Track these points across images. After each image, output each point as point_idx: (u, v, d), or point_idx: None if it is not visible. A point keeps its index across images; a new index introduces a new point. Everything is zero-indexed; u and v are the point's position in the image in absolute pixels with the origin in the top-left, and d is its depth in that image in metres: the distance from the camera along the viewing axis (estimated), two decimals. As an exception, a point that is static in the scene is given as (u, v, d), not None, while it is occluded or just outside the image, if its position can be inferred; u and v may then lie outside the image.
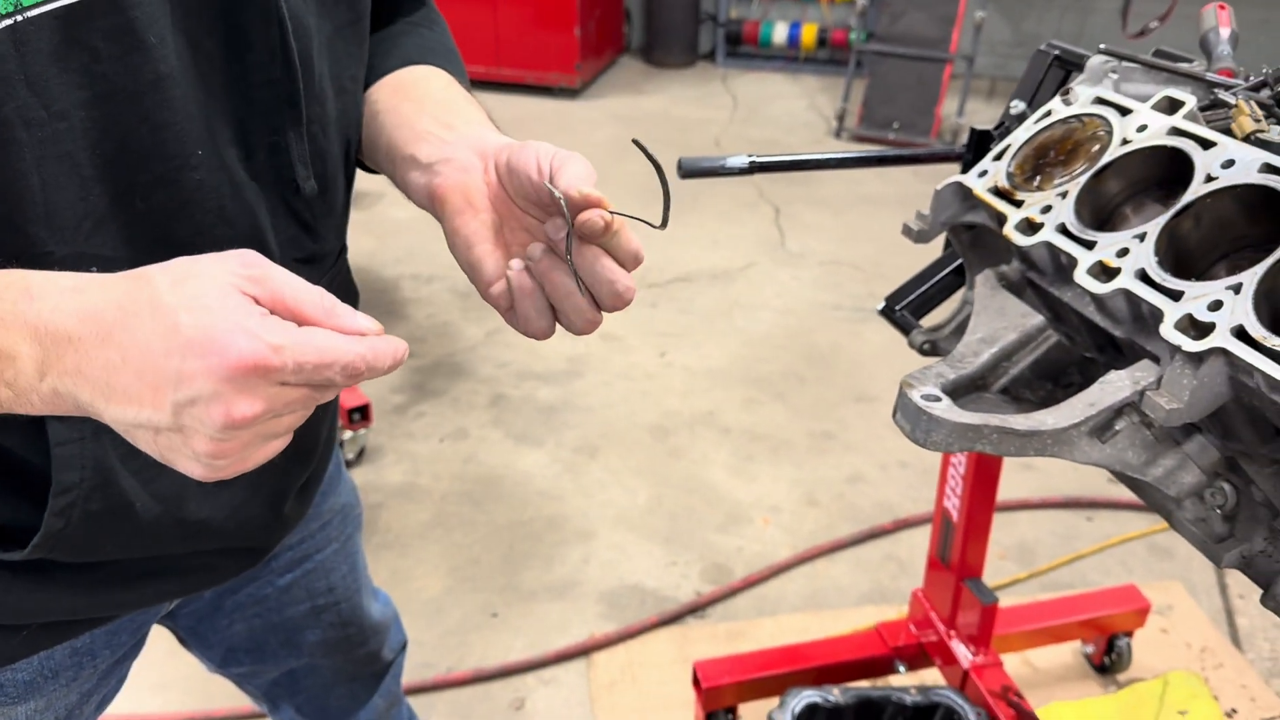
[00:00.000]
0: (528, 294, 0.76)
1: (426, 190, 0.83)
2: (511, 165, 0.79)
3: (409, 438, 2.92)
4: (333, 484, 1.17)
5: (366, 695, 1.37)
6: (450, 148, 0.83)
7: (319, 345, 0.59)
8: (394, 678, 1.42)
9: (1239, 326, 0.89)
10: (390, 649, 1.38)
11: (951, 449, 0.97)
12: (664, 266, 4.01)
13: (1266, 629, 2.30)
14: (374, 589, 1.35)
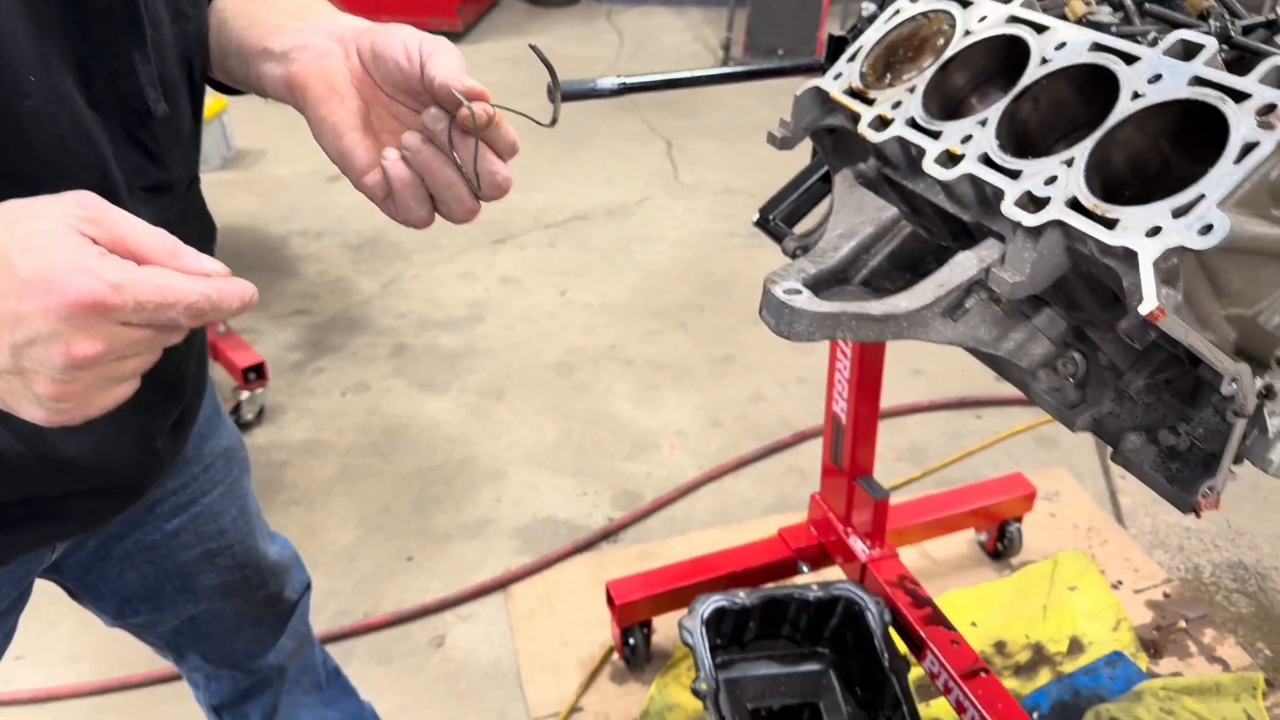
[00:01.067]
0: (406, 184, 0.77)
1: (284, 80, 0.81)
2: (377, 51, 0.78)
3: (309, 394, 2.89)
4: (212, 426, 1.17)
5: (273, 637, 1.38)
6: (304, 35, 0.81)
7: (160, 284, 0.58)
8: (300, 618, 1.43)
9: (1073, 198, 0.94)
10: (293, 589, 1.39)
11: (814, 338, 1.01)
12: (560, 206, 4.00)
13: (1147, 505, 2.44)
14: (270, 533, 1.35)
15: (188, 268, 0.61)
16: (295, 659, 1.45)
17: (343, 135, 0.79)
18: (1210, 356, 0.88)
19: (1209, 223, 0.84)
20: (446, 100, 0.76)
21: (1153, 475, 1.02)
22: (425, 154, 0.77)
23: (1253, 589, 2.20)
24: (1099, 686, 1.97)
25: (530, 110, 0.84)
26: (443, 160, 0.77)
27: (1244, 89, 0.89)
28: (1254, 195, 0.85)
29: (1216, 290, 0.91)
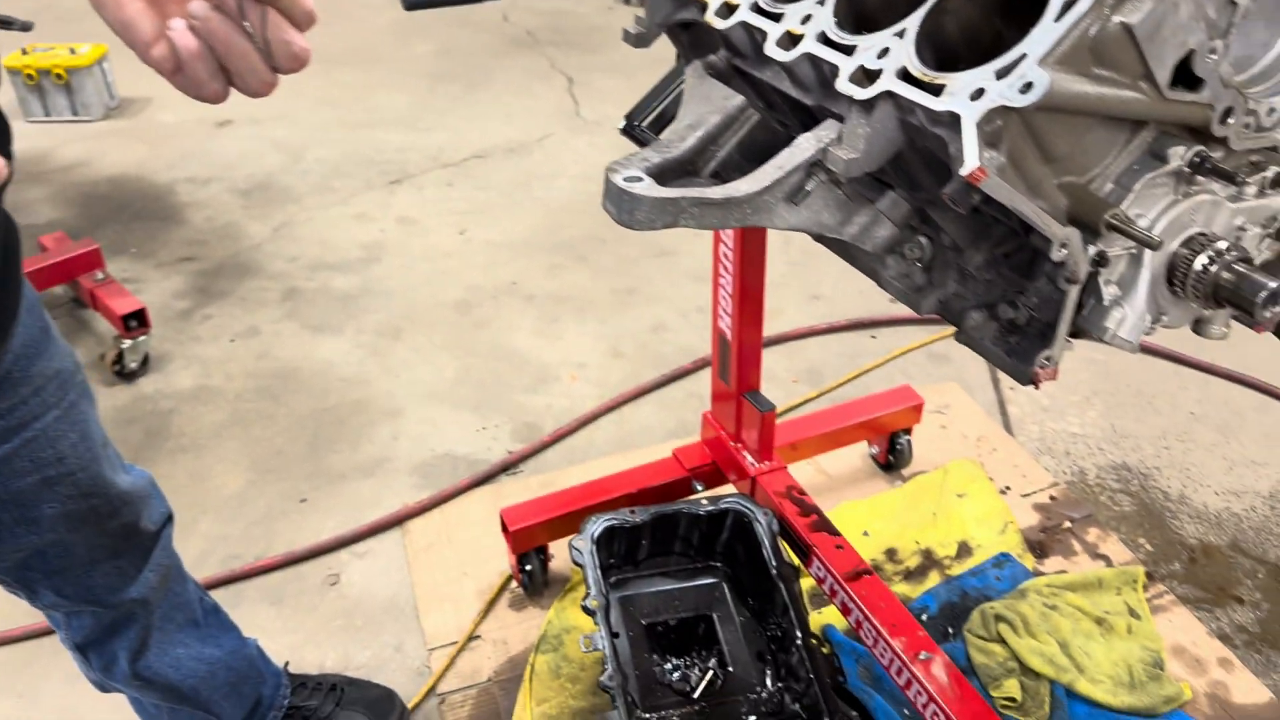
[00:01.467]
0: (195, 56, 0.74)
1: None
2: None
3: (197, 341, 2.80)
4: (40, 347, 1.11)
5: (134, 570, 1.34)
6: None
7: None
8: (164, 550, 1.39)
9: (903, 69, 0.93)
10: (150, 520, 1.34)
11: (654, 225, 0.99)
12: (459, 145, 3.92)
13: (1034, 413, 2.50)
14: (122, 463, 1.30)
15: None
16: (161, 593, 1.40)
17: (124, 5, 0.75)
18: (1037, 220, 0.88)
19: (1029, 80, 0.83)
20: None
21: (993, 350, 1.03)
22: (214, 23, 0.73)
23: (1135, 488, 2.27)
24: (986, 587, 2.01)
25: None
26: (232, 29, 0.73)
27: (1064, -51, 0.88)
28: (1074, 53, 0.85)
29: (1044, 154, 0.91)
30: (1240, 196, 0.99)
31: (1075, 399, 2.53)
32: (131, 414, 2.55)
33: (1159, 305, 1.00)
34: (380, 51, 4.82)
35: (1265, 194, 1.01)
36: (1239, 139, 0.95)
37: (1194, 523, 2.17)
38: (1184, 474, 2.30)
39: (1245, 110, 0.93)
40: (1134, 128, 0.95)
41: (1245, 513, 2.19)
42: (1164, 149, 0.93)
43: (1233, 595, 2.00)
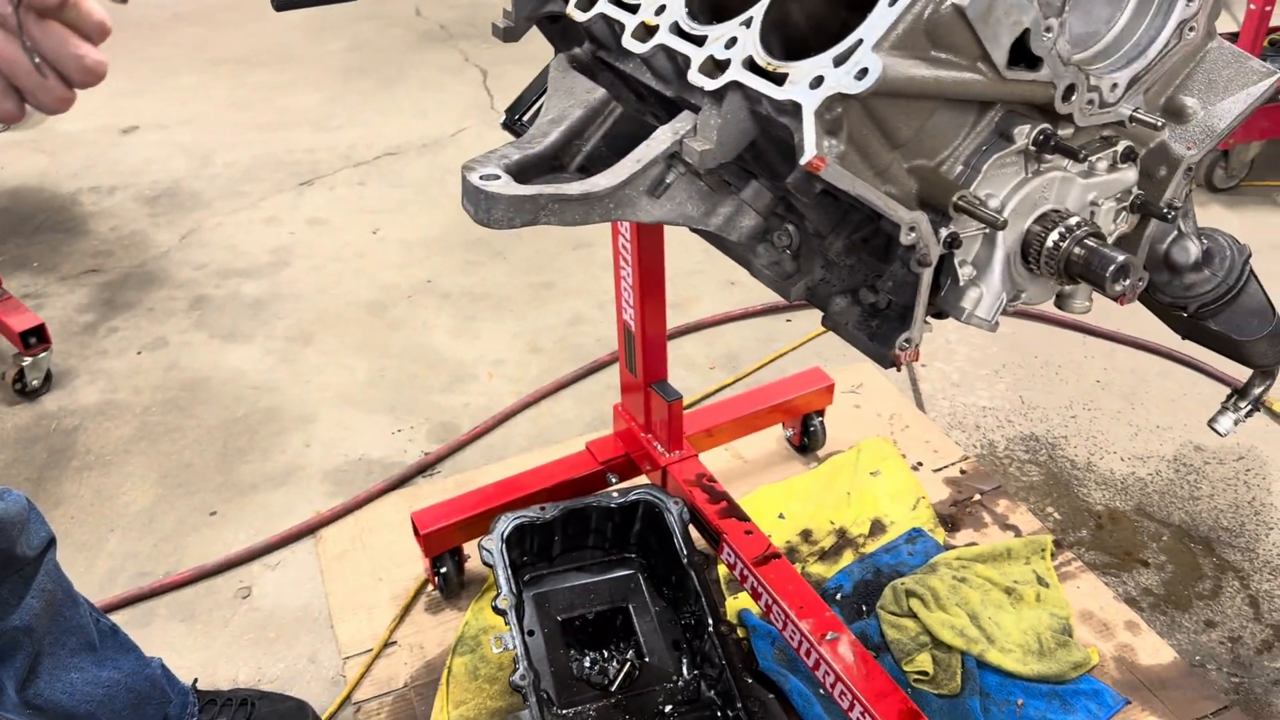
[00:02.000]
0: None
1: None
2: None
3: (102, 355, 2.73)
4: None
5: (15, 599, 1.30)
6: None
7: None
8: (47, 574, 1.35)
9: (749, 58, 0.92)
10: (28, 545, 1.30)
11: (514, 223, 0.98)
12: (371, 142, 3.86)
13: (945, 389, 2.54)
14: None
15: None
16: (47, 619, 1.36)
17: None
18: (882, 205, 0.89)
19: (864, 66, 0.83)
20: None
21: (856, 334, 1.03)
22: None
23: (1044, 458, 2.31)
24: (899, 563, 2.04)
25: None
26: (15, 47, 0.71)
27: (900, -66, 0.88)
28: (910, 36, 0.85)
29: (890, 139, 0.91)
30: (1092, 172, 1.01)
31: (984, 373, 2.57)
32: (34, 433, 2.48)
33: (1016, 283, 1.01)
34: (292, 50, 4.73)
35: (1117, 168, 1.02)
36: (1084, 116, 0.96)
37: (1101, 489, 2.22)
38: (1091, 442, 2.34)
39: (1088, 87, 0.95)
40: (981, 109, 0.95)
41: (1150, 477, 2.24)
42: (1011, 128, 0.94)
43: (1138, 559, 2.05)
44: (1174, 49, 0.98)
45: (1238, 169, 3.23)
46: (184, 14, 5.21)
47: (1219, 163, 3.22)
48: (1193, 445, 2.32)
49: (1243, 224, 3.14)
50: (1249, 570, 2.01)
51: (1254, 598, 1.95)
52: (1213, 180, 3.25)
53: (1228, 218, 3.18)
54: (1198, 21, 0.98)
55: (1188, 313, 1.18)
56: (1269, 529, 2.09)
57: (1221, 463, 2.27)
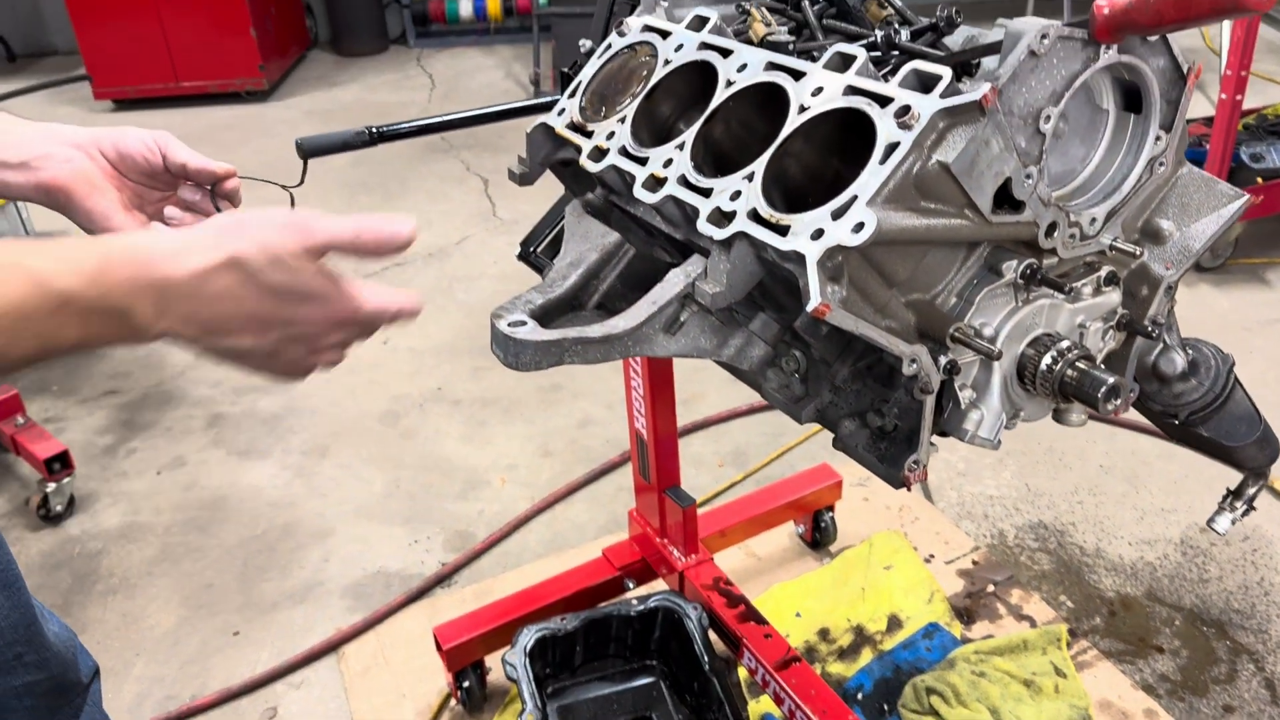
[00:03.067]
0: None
1: (36, 185, 0.98)
2: (121, 151, 1.01)
3: (123, 477, 2.78)
4: None
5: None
6: (39, 145, 0.97)
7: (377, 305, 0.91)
8: (94, 706, 1.38)
9: (753, 210, 1.00)
10: (80, 674, 1.34)
11: (541, 366, 1.05)
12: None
13: (952, 479, 2.58)
14: (47, 612, 1.31)
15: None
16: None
17: (111, 218, 0.98)
18: (883, 342, 0.95)
19: (860, 221, 0.91)
20: (198, 177, 1.05)
21: (867, 456, 1.09)
22: (187, 220, 1.01)
23: (1053, 545, 2.35)
24: (918, 659, 2.06)
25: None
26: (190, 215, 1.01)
27: (888, 94, 0.96)
28: (900, 191, 0.93)
29: (888, 279, 0.98)
30: (1078, 297, 1.08)
31: (990, 461, 2.62)
32: (59, 558, 2.51)
33: (1014, 403, 1.07)
34: (297, 167, 4.86)
35: (1101, 292, 1.09)
36: (1067, 249, 1.03)
37: (1111, 575, 2.25)
38: (1098, 527, 2.38)
39: (1069, 223, 1.02)
40: (971, 247, 1.03)
41: (1159, 560, 2.28)
42: (999, 263, 1.02)
43: (1153, 645, 2.07)
44: (1146, 183, 1.06)
45: (1223, 248, 3.33)
46: (190, 134, 5.38)
47: (1203, 244, 3.31)
48: (1198, 527, 2.35)
49: (1231, 302, 3.22)
50: (1263, 653, 2.03)
51: (1270, 680, 1.97)
52: (1199, 260, 3.33)
53: (1216, 297, 3.26)
54: (1166, 157, 1.06)
55: (1179, 420, 1.24)
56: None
57: (1228, 544, 2.30)
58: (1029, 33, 0.91)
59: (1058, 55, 0.94)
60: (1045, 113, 0.95)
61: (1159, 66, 1.01)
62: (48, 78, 6.29)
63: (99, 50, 5.58)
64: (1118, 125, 1.05)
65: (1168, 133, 1.04)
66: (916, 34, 1.19)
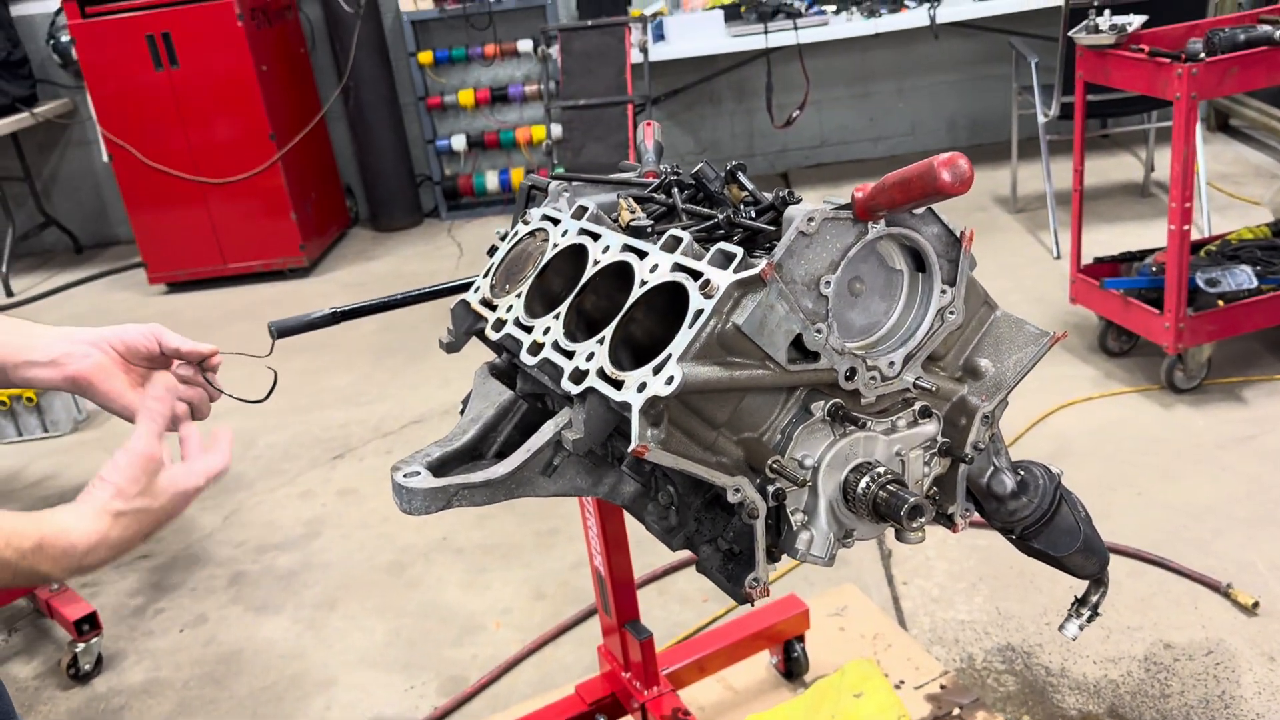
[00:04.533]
0: (183, 412, 1.31)
1: (64, 378, 1.26)
2: (128, 345, 1.29)
3: (149, 636, 2.97)
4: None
5: None
6: (62, 344, 1.26)
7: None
8: None
9: (600, 369, 1.20)
10: None
11: (430, 510, 1.23)
12: (398, 414, 4.22)
13: (926, 605, 2.67)
14: None
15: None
16: None
17: (123, 397, 1.27)
18: (704, 475, 1.13)
19: (671, 375, 1.09)
20: (188, 358, 1.34)
21: (718, 576, 1.25)
22: (182, 389, 1.32)
23: (1019, 667, 2.41)
24: (881, 782, 2.12)
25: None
26: (196, 389, 1.34)
27: (699, 269, 1.17)
28: (707, 348, 1.12)
29: (709, 422, 1.16)
30: (894, 429, 1.24)
31: (963, 586, 2.70)
32: (85, 715, 2.69)
33: (843, 524, 1.23)
34: (329, 335, 5.19)
35: (918, 423, 1.26)
36: (870, 389, 1.21)
37: (1074, 694, 2.30)
38: (1064, 648, 2.44)
39: (867, 367, 1.20)
40: (790, 391, 1.21)
41: (1122, 678, 2.33)
42: (811, 403, 1.19)
43: (1112, 761, 2.11)
44: (939, 330, 1.23)
45: (1195, 370, 3.43)
46: (234, 311, 5.80)
47: (1176, 366, 3.43)
48: (1163, 643, 2.40)
49: (1207, 421, 3.31)
50: (1220, 765, 2.06)
51: (1225, 793, 2.00)
52: (1174, 382, 3.44)
53: (1192, 416, 3.35)
54: (955, 306, 1.24)
55: (1014, 534, 1.38)
56: (1239, 722, 2.16)
57: (1191, 658, 2.35)
58: (798, 217, 1.11)
59: (829, 232, 1.14)
60: (824, 279, 1.14)
61: (933, 233, 1.20)
62: (109, 266, 6.88)
63: (152, 239, 6.09)
64: (911, 283, 1.24)
65: (952, 286, 1.23)
66: (761, 211, 1.40)
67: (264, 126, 5.97)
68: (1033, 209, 5.47)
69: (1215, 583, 2.55)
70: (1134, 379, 3.62)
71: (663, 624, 2.72)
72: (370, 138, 6.78)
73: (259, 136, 6.00)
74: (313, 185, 6.48)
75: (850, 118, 6.83)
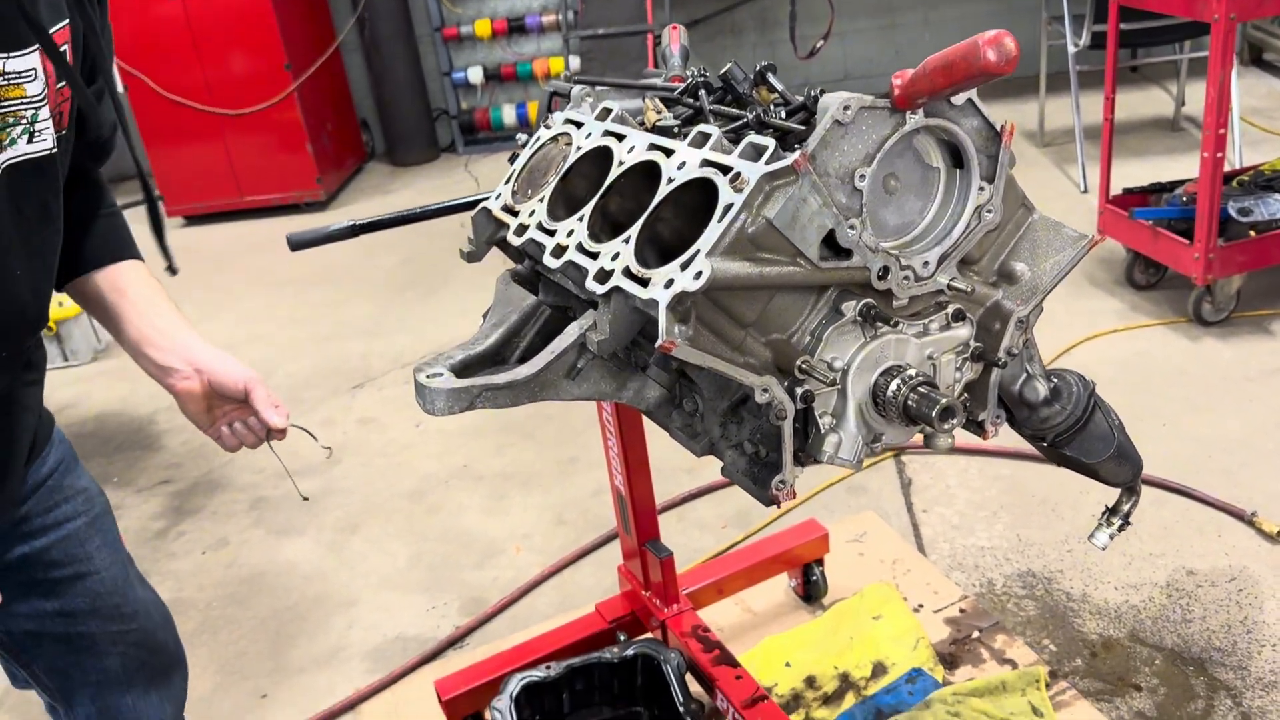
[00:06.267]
0: (234, 445, 1.47)
1: (167, 385, 1.42)
2: (215, 382, 1.40)
3: (171, 558, 3.00)
4: (69, 468, 1.43)
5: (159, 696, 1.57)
6: (176, 357, 1.40)
7: None
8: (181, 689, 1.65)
9: (626, 268, 1.17)
10: (173, 640, 1.62)
11: (453, 411, 1.22)
12: (418, 346, 4.21)
13: (945, 532, 2.66)
14: (145, 582, 1.59)
15: None
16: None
17: (202, 416, 1.43)
18: (732, 374, 1.10)
19: (699, 270, 1.07)
20: (263, 421, 1.43)
21: (744, 480, 1.23)
22: (242, 430, 1.46)
23: (1040, 593, 2.40)
24: (899, 703, 2.13)
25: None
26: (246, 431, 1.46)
27: (730, 164, 1.13)
28: (736, 243, 1.09)
29: (738, 321, 1.14)
30: (926, 332, 1.21)
31: (983, 514, 2.69)
32: (110, 633, 2.72)
33: (872, 428, 1.21)
34: (349, 267, 5.20)
35: (950, 327, 1.23)
36: (903, 289, 1.18)
37: (1095, 619, 2.29)
38: (1085, 574, 2.43)
39: (901, 266, 1.17)
40: (820, 291, 1.18)
41: (1143, 604, 2.32)
42: (841, 304, 1.16)
43: (1131, 684, 2.11)
44: (975, 229, 1.20)
45: (1224, 302, 3.38)
46: (253, 244, 5.78)
47: (1204, 298, 3.37)
48: (1185, 570, 2.39)
49: (1235, 353, 3.26)
50: (1241, 688, 2.05)
51: (1246, 714, 1.99)
52: (1201, 314, 3.39)
53: (1219, 349, 3.30)
54: (993, 205, 1.20)
55: (1046, 442, 1.35)
56: (1261, 646, 2.14)
57: (1214, 585, 2.33)
58: (834, 105, 1.08)
59: (866, 123, 1.10)
60: (859, 172, 1.10)
61: (972, 126, 1.16)
62: (126, 200, 6.85)
63: (170, 172, 6.06)
64: (948, 180, 1.20)
65: (990, 183, 1.19)
66: (791, 112, 1.36)
67: (279, 57, 5.90)
68: (1060, 143, 5.37)
69: (1240, 511, 2.53)
70: (1161, 312, 3.57)
71: (682, 549, 2.71)
72: (386, 70, 6.70)
73: (274, 67, 5.93)
74: (329, 117, 6.42)
75: (875, 49, 6.70)
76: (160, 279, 1.50)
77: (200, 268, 5.51)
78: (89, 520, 1.45)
